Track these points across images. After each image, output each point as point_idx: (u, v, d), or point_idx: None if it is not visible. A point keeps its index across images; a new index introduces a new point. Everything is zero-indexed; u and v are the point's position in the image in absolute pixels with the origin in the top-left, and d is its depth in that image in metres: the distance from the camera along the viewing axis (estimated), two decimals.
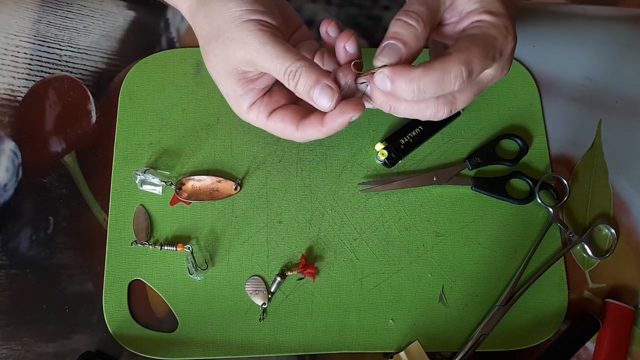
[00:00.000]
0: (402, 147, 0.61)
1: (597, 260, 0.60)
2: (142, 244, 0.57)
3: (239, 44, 0.45)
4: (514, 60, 0.65)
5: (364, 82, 0.45)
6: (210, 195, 0.59)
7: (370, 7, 0.68)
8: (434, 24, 0.45)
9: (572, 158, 0.64)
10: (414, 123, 0.62)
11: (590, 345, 0.58)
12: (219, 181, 0.59)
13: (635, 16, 0.69)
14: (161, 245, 0.57)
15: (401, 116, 0.46)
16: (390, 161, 0.60)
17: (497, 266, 0.59)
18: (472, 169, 0.61)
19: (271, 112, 0.49)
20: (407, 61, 0.43)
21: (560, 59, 0.67)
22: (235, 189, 0.59)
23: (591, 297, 0.60)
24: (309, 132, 0.47)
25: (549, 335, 0.58)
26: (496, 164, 0.62)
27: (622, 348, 0.57)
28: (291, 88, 0.45)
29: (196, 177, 0.59)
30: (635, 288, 0.60)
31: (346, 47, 0.46)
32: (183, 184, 0.59)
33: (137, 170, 0.57)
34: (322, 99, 0.44)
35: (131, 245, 0.57)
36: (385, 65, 0.43)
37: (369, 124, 0.62)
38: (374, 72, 0.43)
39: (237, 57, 0.46)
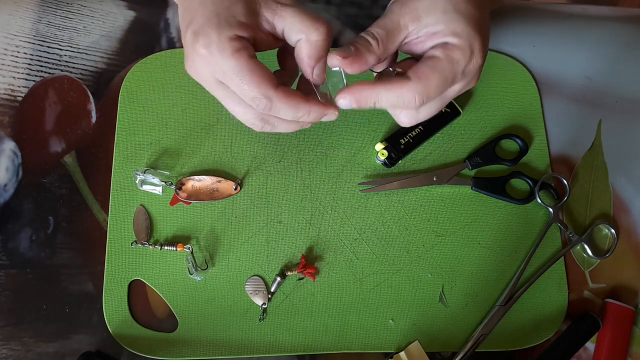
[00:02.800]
0: (402, 147, 0.61)
1: (597, 260, 0.60)
2: (142, 244, 0.57)
3: None
4: (513, 61, 0.66)
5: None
6: (210, 195, 0.59)
7: (370, 7, 0.68)
8: (390, 45, 0.47)
9: (572, 158, 0.64)
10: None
11: (590, 345, 0.58)
12: (219, 181, 0.59)
13: (635, 16, 0.69)
14: (161, 245, 0.57)
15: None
16: (390, 161, 0.60)
17: (497, 266, 0.59)
18: (472, 169, 0.61)
19: (253, 57, 0.44)
20: (356, 58, 0.46)
21: (560, 59, 0.67)
22: (235, 189, 0.59)
23: (591, 297, 0.60)
24: (291, 99, 0.44)
25: (549, 335, 0.58)
26: (496, 164, 0.62)
27: (622, 348, 0.57)
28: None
29: (196, 177, 0.59)
30: (635, 288, 0.60)
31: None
32: (183, 184, 0.59)
33: (137, 171, 0.57)
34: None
35: (131, 245, 0.57)
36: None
37: (369, 123, 0.62)
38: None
39: None
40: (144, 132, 0.61)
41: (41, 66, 0.63)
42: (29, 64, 0.63)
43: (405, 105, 0.46)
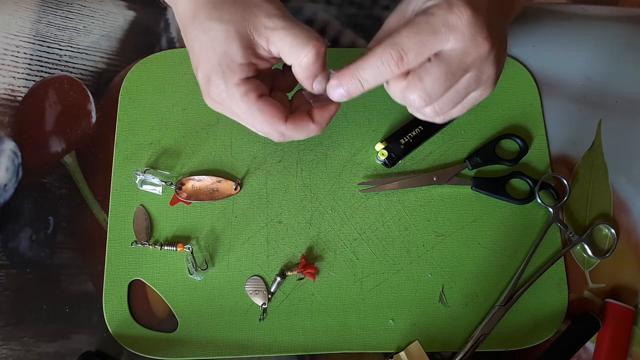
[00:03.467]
0: (402, 147, 0.61)
1: (597, 260, 0.60)
2: (142, 244, 0.57)
3: (262, 11, 0.45)
4: (513, 61, 0.66)
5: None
6: (210, 195, 0.59)
7: (370, 7, 0.68)
8: None
9: (572, 158, 0.64)
10: (414, 123, 0.62)
11: (590, 345, 0.58)
12: (219, 181, 0.59)
13: (635, 16, 0.69)
14: (161, 245, 0.57)
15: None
16: (390, 161, 0.60)
17: (497, 266, 0.59)
18: (472, 169, 0.61)
19: (261, 95, 0.46)
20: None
21: (560, 59, 0.67)
22: (235, 189, 0.59)
23: (591, 297, 0.60)
24: (300, 126, 0.47)
25: (549, 335, 0.58)
26: (496, 164, 0.62)
27: (622, 348, 0.57)
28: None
29: (196, 177, 0.59)
30: (635, 288, 0.60)
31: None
32: (183, 184, 0.59)
33: (137, 171, 0.58)
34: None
35: (131, 245, 0.57)
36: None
37: (369, 124, 0.62)
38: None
39: (259, 20, 0.44)
40: (144, 132, 0.61)
41: (41, 66, 0.63)
42: (29, 64, 0.63)
43: (388, 66, 0.43)
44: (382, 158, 0.60)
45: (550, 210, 0.60)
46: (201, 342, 0.55)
